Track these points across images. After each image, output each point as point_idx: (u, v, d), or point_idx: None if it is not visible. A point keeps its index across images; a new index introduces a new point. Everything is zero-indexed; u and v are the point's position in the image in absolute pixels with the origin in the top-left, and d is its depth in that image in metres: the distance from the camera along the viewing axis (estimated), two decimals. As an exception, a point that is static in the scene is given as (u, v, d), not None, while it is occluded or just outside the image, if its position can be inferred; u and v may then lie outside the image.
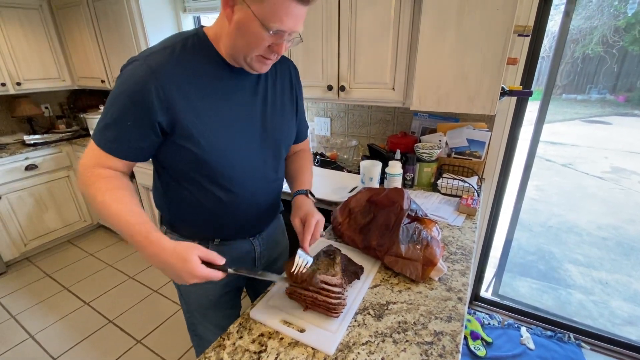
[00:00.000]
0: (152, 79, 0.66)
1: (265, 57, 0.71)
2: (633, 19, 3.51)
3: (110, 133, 0.69)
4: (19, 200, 2.43)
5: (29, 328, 1.93)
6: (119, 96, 0.68)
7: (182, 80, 0.69)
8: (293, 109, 0.92)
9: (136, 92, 0.66)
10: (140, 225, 0.66)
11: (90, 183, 0.69)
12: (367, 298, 0.82)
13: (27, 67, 2.51)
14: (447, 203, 1.34)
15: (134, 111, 0.67)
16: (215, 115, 0.74)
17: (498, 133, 1.54)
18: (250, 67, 0.73)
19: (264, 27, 0.64)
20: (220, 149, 0.75)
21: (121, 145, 0.70)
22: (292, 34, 0.68)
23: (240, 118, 0.79)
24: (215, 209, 0.84)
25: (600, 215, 3.18)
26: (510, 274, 2.32)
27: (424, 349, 0.68)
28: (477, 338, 1.71)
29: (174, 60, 0.69)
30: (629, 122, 5.05)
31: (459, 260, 0.98)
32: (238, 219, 0.88)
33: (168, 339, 1.82)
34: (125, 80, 0.67)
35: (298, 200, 0.91)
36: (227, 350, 0.68)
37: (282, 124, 0.89)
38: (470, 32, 1.11)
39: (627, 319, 1.90)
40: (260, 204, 0.92)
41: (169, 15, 2.26)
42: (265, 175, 0.89)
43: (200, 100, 0.72)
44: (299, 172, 1.00)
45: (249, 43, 0.67)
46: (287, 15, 0.63)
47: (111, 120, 0.69)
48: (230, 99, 0.77)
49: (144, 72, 0.66)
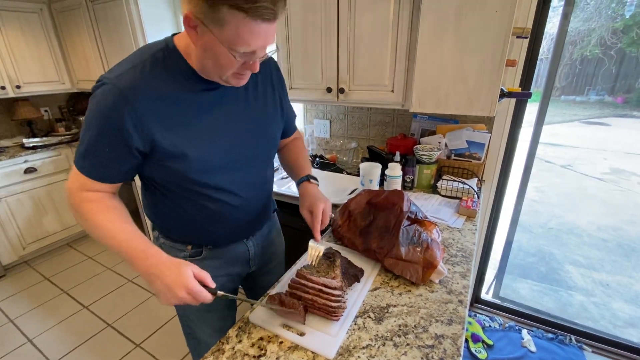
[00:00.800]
0: (124, 103, 0.63)
1: (240, 73, 0.68)
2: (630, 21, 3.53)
3: (90, 160, 0.68)
4: (18, 203, 2.43)
5: (27, 332, 1.92)
6: (92, 122, 0.65)
7: (155, 99, 0.66)
8: (277, 108, 0.90)
9: (109, 118, 0.64)
10: (135, 240, 0.68)
11: (78, 208, 0.70)
12: (367, 301, 0.82)
13: (26, 70, 2.52)
14: (447, 205, 1.33)
15: (110, 138, 0.66)
16: (195, 130, 0.72)
17: (497, 134, 1.54)
18: (227, 83, 0.71)
19: (231, 51, 0.61)
20: (205, 161, 0.74)
21: (102, 171, 0.69)
22: (264, 48, 0.64)
23: (222, 128, 0.76)
24: (205, 218, 0.84)
25: (600, 217, 3.18)
26: (510, 275, 2.31)
27: (425, 352, 0.67)
28: (478, 340, 1.70)
29: (145, 79, 0.66)
30: (627, 123, 5.05)
31: (459, 262, 0.97)
32: (230, 226, 0.89)
33: (167, 343, 1.81)
34: (97, 106, 0.65)
35: (301, 189, 0.94)
36: (226, 355, 0.68)
37: (267, 127, 0.87)
38: (469, 34, 1.11)
39: (628, 320, 1.89)
40: (252, 209, 0.91)
41: (169, 18, 2.26)
42: (255, 181, 0.89)
43: (178, 116, 0.69)
44: (296, 160, 1.01)
45: (220, 65, 0.65)
46: (253, 36, 0.59)
47: (89, 147, 0.67)
48: (210, 110, 0.74)
49: (115, 96, 0.63)
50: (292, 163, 1.03)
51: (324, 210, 0.87)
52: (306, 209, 0.89)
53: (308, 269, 0.80)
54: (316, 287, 0.74)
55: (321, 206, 0.87)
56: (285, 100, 0.95)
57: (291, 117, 1.02)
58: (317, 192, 0.93)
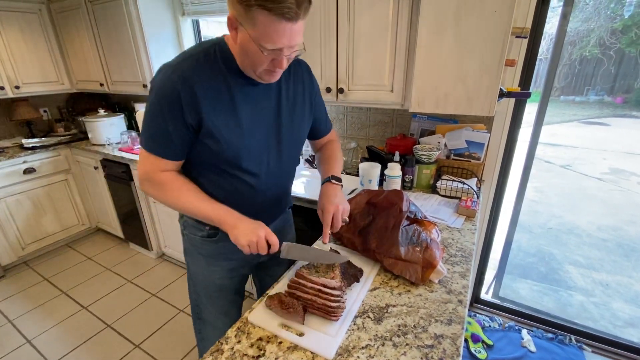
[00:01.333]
0: (182, 84, 0.73)
1: (271, 70, 0.76)
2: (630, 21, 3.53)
3: (158, 140, 0.79)
4: (17, 204, 2.42)
5: (26, 333, 1.91)
6: (155, 104, 0.76)
7: (206, 85, 0.76)
8: (306, 108, 0.97)
9: (170, 97, 0.74)
10: (216, 205, 0.83)
11: (159, 188, 0.83)
12: (367, 301, 0.82)
13: (25, 70, 2.51)
14: (446, 205, 1.33)
15: (171, 114, 0.75)
16: (234, 117, 0.81)
17: (497, 134, 1.54)
18: (260, 79, 0.79)
19: (260, 48, 0.69)
20: (237, 146, 0.83)
21: (168, 149, 0.80)
22: (292, 47, 0.72)
23: (256, 120, 0.85)
24: (228, 198, 0.89)
25: (599, 217, 3.18)
26: (510, 276, 2.31)
27: (425, 352, 0.67)
28: (477, 341, 1.70)
29: (199, 68, 0.76)
30: (627, 123, 5.06)
31: (458, 262, 0.97)
32: (250, 208, 0.92)
33: (166, 343, 1.81)
34: (159, 89, 0.75)
35: (321, 190, 0.97)
36: (225, 355, 0.68)
37: (295, 124, 0.94)
38: (468, 34, 1.11)
39: (628, 320, 1.89)
40: (269, 198, 0.97)
41: (168, 19, 2.27)
42: (277, 172, 0.95)
43: (221, 103, 0.79)
44: (326, 162, 1.05)
45: (252, 61, 0.74)
46: (278, 35, 0.67)
47: (156, 129, 0.78)
48: (248, 103, 0.83)
49: (175, 79, 0.73)
50: (322, 164, 1.06)
51: (334, 214, 0.88)
52: (319, 209, 0.93)
53: (308, 269, 0.80)
54: (315, 287, 0.73)
55: (330, 210, 0.89)
56: (315, 102, 1.01)
57: (322, 119, 1.07)
58: (331, 195, 0.93)
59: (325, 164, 1.05)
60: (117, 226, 2.71)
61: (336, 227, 0.90)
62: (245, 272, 1.10)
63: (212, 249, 1.00)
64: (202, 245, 1.00)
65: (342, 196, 0.95)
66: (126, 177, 2.31)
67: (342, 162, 1.08)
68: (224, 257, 1.00)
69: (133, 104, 2.74)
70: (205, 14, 2.22)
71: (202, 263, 1.03)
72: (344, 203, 0.93)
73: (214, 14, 2.17)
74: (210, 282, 1.04)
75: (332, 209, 0.88)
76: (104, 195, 2.63)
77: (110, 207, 2.64)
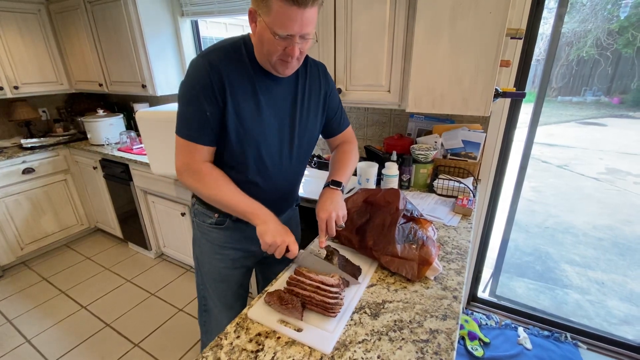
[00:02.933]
0: (211, 70, 0.80)
1: (284, 60, 0.81)
2: (626, 22, 3.56)
3: (194, 126, 0.84)
4: (16, 204, 2.43)
5: (25, 332, 1.92)
6: (190, 90, 0.82)
7: (232, 74, 0.82)
8: (320, 106, 1.01)
9: (202, 80, 0.80)
10: (251, 201, 0.87)
11: (199, 178, 0.87)
12: (364, 297, 0.83)
13: (24, 71, 2.52)
14: (443, 204, 1.35)
15: (204, 97, 0.81)
16: (253, 106, 0.86)
17: (493, 134, 1.56)
18: (275, 71, 0.84)
19: (273, 34, 0.74)
20: (257, 132, 0.88)
21: (205, 134, 0.85)
22: (303, 36, 0.77)
23: (273, 111, 0.90)
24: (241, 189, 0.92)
25: (596, 216, 3.21)
26: (507, 274, 2.33)
27: (420, 346, 0.68)
28: (474, 338, 1.71)
29: (227, 58, 0.83)
30: (623, 123, 5.10)
31: (454, 259, 0.99)
32: (258, 199, 0.94)
33: (166, 342, 1.82)
34: (191, 76, 0.82)
35: (320, 195, 0.99)
36: (225, 350, 0.69)
37: (307, 121, 0.99)
38: (464, 35, 1.13)
39: (623, 318, 1.91)
40: (277, 190, 1.01)
41: (167, 20, 2.28)
42: (287, 163, 0.98)
43: (240, 95, 0.84)
44: (334, 164, 1.08)
45: (268, 50, 0.79)
46: (290, 21, 0.72)
47: (193, 115, 0.83)
48: (266, 95, 0.88)
49: (205, 66, 0.80)
50: (331, 165, 1.08)
51: (327, 221, 0.90)
52: (317, 214, 0.93)
53: (306, 266, 0.81)
54: (314, 284, 0.75)
55: (323, 217, 0.90)
56: (330, 101, 1.04)
57: (336, 118, 1.09)
58: (327, 201, 0.94)
59: (331, 167, 1.07)
60: (116, 226, 2.72)
61: (330, 234, 0.91)
62: (249, 264, 1.13)
63: (219, 237, 1.03)
64: (210, 233, 1.04)
65: (339, 201, 0.95)
66: (125, 177, 2.32)
67: (351, 165, 1.07)
68: (230, 247, 1.04)
69: (132, 104, 2.75)
70: (204, 15, 2.23)
71: (208, 250, 1.06)
72: (340, 209, 0.92)
73: (213, 14, 2.18)
74: (214, 270, 1.08)
75: (325, 216, 0.90)
76: (103, 196, 2.64)
77: (109, 207, 2.65)
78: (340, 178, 1.01)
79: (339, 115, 1.10)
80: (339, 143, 1.14)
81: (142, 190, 2.30)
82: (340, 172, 1.02)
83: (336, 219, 0.91)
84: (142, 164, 2.12)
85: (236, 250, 1.06)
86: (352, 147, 1.12)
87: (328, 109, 1.05)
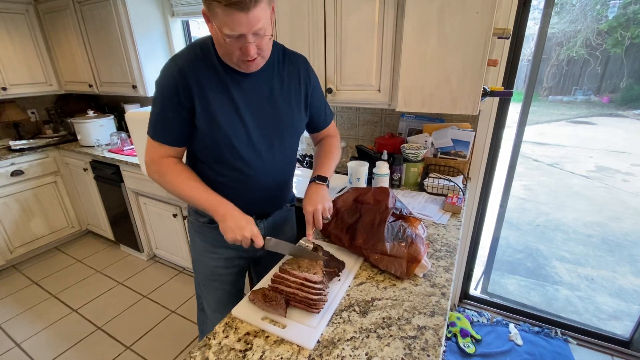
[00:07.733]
0: (178, 72, 0.81)
1: (243, 59, 0.79)
2: (614, 22, 3.62)
3: (160, 126, 0.87)
4: (5, 206, 2.39)
5: (15, 336, 1.89)
6: (158, 93, 0.85)
7: (199, 73, 0.83)
8: (301, 101, 0.99)
9: (168, 86, 0.82)
10: (212, 195, 0.88)
11: (163, 173, 0.89)
12: (353, 295, 0.84)
13: (13, 72, 2.48)
14: (433, 202, 1.36)
15: (170, 101, 0.83)
16: (224, 101, 0.86)
17: (482, 133, 1.58)
18: (239, 68, 0.84)
19: (224, 37, 0.74)
20: (224, 130, 0.87)
21: (171, 135, 0.88)
22: (255, 33, 0.74)
23: (250, 107, 0.90)
24: (222, 187, 0.93)
25: (585, 213, 3.26)
26: (498, 272, 2.35)
27: (407, 343, 0.69)
28: (466, 335, 1.73)
29: (196, 59, 0.83)
30: (612, 122, 5.19)
31: (443, 257, 1.00)
32: (244, 197, 0.96)
33: (158, 345, 1.81)
34: (161, 79, 0.84)
35: (305, 190, 1.00)
36: (213, 350, 0.69)
37: (291, 117, 0.97)
38: (451, 34, 1.14)
39: (612, 313, 1.95)
40: (264, 188, 1.00)
41: (157, 20, 2.26)
42: (272, 160, 0.98)
43: (211, 94, 0.85)
44: (318, 158, 1.09)
45: (224, 51, 0.80)
46: (234, 23, 0.71)
47: (159, 116, 0.86)
48: (240, 90, 0.88)
49: (172, 68, 0.82)
50: (314, 162, 1.09)
51: (313, 213, 0.92)
52: (303, 208, 0.95)
53: (291, 264, 0.81)
54: (298, 281, 0.75)
55: (310, 210, 0.93)
56: (313, 96, 1.03)
57: (319, 113, 1.08)
58: (313, 194, 0.96)
59: (316, 162, 1.08)
60: (107, 228, 2.69)
61: (317, 225, 0.94)
62: (242, 264, 1.13)
63: (212, 236, 1.04)
64: (203, 231, 1.05)
65: (324, 194, 0.97)
66: (116, 179, 2.30)
67: (335, 159, 1.09)
68: (223, 245, 1.03)
69: (123, 105, 2.72)
70: (195, 15, 2.22)
71: (201, 249, 1.07)
72: (325, 201, 0.95)
73: (204, 14, 2.17)
74: (208, 269, 1.09)
75: (311, 209, 0.92)
76: (94, 197, 2.61)
77: (100, 209, 2.62)
78: (326, 173, 1.03)
79: (323, 109, 1.10)
80: (323, 137, 1.15)
81: (133, 192, 2.28)
82: (325, 167, 1.04)
83: (322, 211, 0.93)
84: (133, 165, 2.10)
85: (229, 249, 1.06)
86: (335, 140, 1.15)
87: (312, 103, 1.03)
